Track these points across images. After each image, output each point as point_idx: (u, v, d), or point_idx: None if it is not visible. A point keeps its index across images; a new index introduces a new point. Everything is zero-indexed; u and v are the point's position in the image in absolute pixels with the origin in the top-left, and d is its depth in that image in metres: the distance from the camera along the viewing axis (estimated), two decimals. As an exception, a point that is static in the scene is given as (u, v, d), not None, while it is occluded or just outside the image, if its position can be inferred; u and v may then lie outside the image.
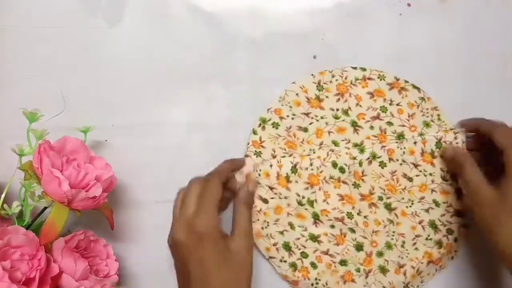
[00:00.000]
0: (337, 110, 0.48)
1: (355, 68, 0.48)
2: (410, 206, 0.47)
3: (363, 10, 0.49)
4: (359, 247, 0.47)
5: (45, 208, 0.42)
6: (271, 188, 0.47)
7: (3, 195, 0.41)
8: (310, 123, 0.48)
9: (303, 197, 0.47)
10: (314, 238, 0.47)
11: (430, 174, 0.47)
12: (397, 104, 0.47)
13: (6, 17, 0.48)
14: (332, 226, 0.47)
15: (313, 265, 0.47)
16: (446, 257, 0.48)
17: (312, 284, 0.48)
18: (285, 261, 0.48)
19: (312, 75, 0.48)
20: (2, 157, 0.46)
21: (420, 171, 0.47)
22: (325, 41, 0.49)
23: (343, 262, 0.47)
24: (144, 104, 0.49)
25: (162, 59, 0.49)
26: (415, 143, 0.47)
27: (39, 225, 0.43)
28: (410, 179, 0.47)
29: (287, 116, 0.48)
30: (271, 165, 0.47)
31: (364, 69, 0.48)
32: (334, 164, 0.47)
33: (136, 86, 0.49)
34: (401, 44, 0.48)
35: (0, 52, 0.48)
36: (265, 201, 0.47)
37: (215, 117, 0.49)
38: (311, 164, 0.47)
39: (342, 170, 0.47)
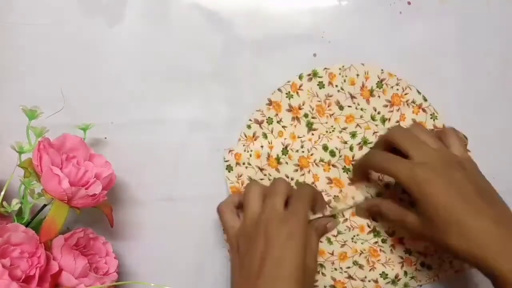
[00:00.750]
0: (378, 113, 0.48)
1: (419, 92, 0.48)
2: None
3: (363, 8, 0.49)
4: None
5: (45, 205, 0.42)
6: (261, 169, 0.47)
7: (2, 193, 0.40)
8: (349, 106, 0.48)
9: (292, 179, 0.47)
10: None
11: None
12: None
13: (6, 14, 0.48)
14: None
15: None
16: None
17: None
18: None
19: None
20: (2, 154, 0.46)
21: None
22: (325, 39, 0.49)
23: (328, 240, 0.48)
24: (144, 102, 0.49)
25: (162, 57, 0.49)
26: None
27: (38, 223, 0.43)
28: None
29: (336, 86, 0.47)
30: (262, 146, 0.47)
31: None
32: (325, 148, 0.47)
33: (136, 84, 0.49)
34: (401, 43, 0.49)
35: (0, 50, 0.48)
36: None
37: (215, 116, 0.49)
38: (302, 147, 0.47)
39: (332, 153, 0.47)
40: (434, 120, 0.48)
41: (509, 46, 0.49)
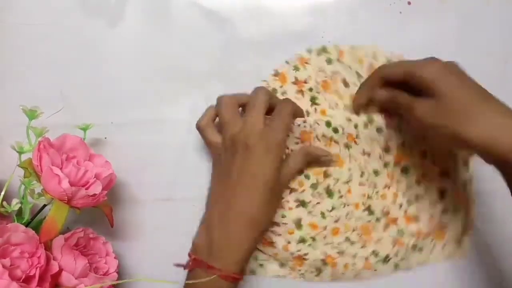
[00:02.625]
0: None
1: None
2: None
3: (363, 8, 0.49)
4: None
5: (44, 205, 0.42)
6: None
7: (2, 193, 0.40)
8: (354, 84, 0.47)
9: (292, 151, 0.47)
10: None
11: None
12: None
13: (6, 14, 0.48)
14: (314, 187, 0.47)
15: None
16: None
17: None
18: None
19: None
20: (2, 154, 0.46)
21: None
22: (325, 39, 0.49)
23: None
24: (144, 102, 0.49)
25: (162, 57, 0.49)
26: None
27: (38, 223, 0.43)
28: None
29: (343, 63, 0.48)
30: None
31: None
32: (328, 124, 0.47)
33: (136, 84, 0.49)
34: (401, 43, 0.49)
35: (0, 50, 0.48)
36: None
37: (215, 116, 0.49)
38: (304, 121, 0.47)
39: (335, 130, 0.47)
40: None
41: (509, 46, 0.49)
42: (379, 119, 0.47)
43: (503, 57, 0.49)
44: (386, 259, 0.48)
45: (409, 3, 0.49)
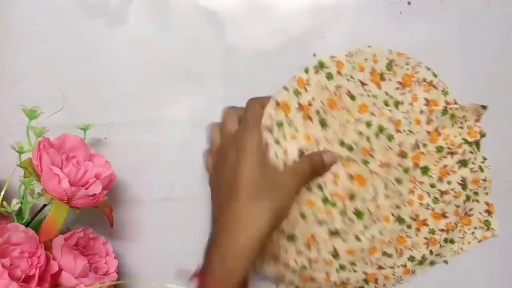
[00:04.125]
0: (391, 97, 0.46)
1: (428, 69, 0.47)
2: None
3: (363, 8, 0.49)
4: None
5: (44, 205, 0.42)
6: None
7: (2, 193, 0.40)
8: (360, 94, 0.46)
9: (312, 182, 0.45)
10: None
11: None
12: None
13: (6, 14, 0.48)
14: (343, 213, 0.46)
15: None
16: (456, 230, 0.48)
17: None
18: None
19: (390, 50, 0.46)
20: (2, 154, 0.46)
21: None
22: (325, 39, 0.49)
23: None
24: (144, 102, 0.49)
25: (162, 57, 0.49)
26: (421, 112, 0.46)
27: (38, 223, 0.43)
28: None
29: (345, 74, 0.45)
30: (276, 155, 0.42)
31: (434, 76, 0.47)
32: (341, 143, 0.45)
33: (136, 84, 0.49)
34: (401, 43, 0.48)
35: (0, 50, 0.48)
36: None
37: (215, 116, 0.48)
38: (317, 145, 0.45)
39: (350, 148, 0.45)
40: (445, 96, 0.47)
41: (509, 46, 0.49)
42: (388, 125, 0.46)
43: (503, 57, 0.49)
44: (422, 260, 0.48)
45: (409, 3, 0.49)
